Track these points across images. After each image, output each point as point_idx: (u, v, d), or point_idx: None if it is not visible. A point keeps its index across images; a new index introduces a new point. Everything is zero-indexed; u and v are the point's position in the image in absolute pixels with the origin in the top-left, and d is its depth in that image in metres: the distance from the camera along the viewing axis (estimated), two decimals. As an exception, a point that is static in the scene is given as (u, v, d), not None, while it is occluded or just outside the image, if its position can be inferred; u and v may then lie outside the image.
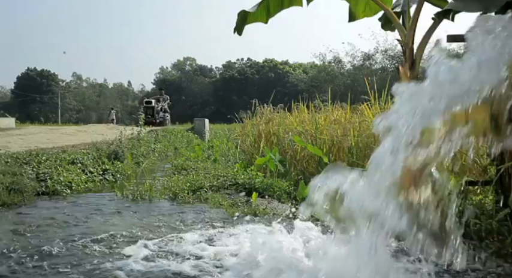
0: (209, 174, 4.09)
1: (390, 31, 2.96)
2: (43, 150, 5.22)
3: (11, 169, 3.66)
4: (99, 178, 4.44)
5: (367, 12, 2.57)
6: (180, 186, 3.58)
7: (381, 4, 2.33)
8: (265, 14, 2.56)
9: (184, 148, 9.36)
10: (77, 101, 65.44)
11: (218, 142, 8.08)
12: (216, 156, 5.71)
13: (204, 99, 58.69)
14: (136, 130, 7.74)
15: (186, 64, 64.65)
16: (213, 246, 2.06)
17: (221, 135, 11.89)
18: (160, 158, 7.53)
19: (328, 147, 4.13)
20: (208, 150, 6.73)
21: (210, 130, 14.00)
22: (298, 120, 5.27)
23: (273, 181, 3.47)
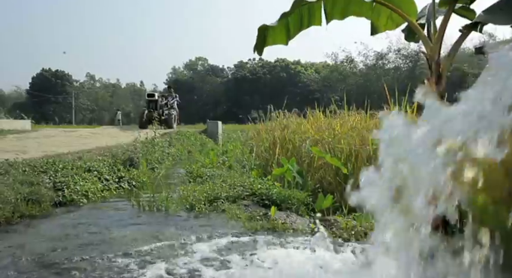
0: (225, 183, 4.05)
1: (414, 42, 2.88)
2: (59, 156, 5.24)
3: (29, 178, 3.67)
4: (114, 186, 4.44)
5: (390, 25, 2.50)
6: (197, 197, 3.54)
7: (405, 17, 2.25)
8: (285, 35, 2.50)
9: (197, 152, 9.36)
10: (91, 101, 66.18)
11: (232, 146, 8.05)
12: (230, 162, 5.67)
13: (215, 99, 58.83)
14: (150, 134, 7.74)
15: (198, 64, 64.87)
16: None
17: (234, 138, 11.86)
18: (174, 162, 7.54)
19: (346, 155, 4.06)
20: (222, 155, 6.69)
21: (223, 132, 13.99)
22: (315, 127, 5.19)
23: (291, 192, 3.41)
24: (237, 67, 58.99)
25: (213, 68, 62.78)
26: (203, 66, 64.19)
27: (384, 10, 2.41)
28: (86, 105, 64.83)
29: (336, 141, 4.38)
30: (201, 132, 12.62)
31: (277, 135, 5.57)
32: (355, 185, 3.61)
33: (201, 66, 64.38)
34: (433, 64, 2.25)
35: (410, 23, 2.27)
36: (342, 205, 3.54)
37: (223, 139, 12.69)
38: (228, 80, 58.99)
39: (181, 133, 10.61)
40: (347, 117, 5.09)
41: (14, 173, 3.69)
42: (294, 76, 54.46)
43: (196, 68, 63.79)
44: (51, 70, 62.85)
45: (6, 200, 3.12)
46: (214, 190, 3.71)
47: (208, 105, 59.07)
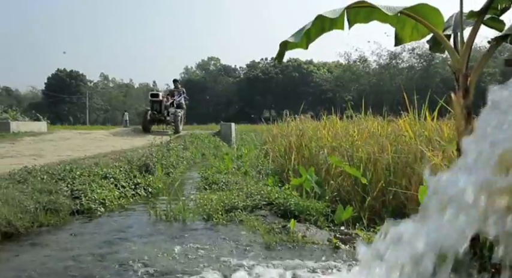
0: (242, 191, 4.02)
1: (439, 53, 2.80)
2: (76, 161, 5.27)
3: (47, 186, 3.68)
4: (131, 193, 4.44)
5: (415, 36, 2.42)
6: (214, 206, 3.51)
7: (431, 28, 2.18)
8: (306, 41, 2.45)
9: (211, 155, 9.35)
10: (104, 101, 66.94)
11: (246, 150, 8.01)
12: (245, 168, 5.64)
13: (228, 99, 58.97)
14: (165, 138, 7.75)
15: (210, 64, 65.12)
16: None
17: (248, 140, 11.83)
18: (188, 166, 7.54)
19: (364, 163, 3.98)
20: (237, 160, 6.66)
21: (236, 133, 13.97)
22: (331, 133, 5.12)
23: (309, 203, 3.36)
24: (249, 67, 59.01)
25: (225, 67, 62.93)
26: (215, 66, 64.39)
27: (409, 21, 2.35)
28: (99, 105, 65.58)
29: (354, 149, 4.31)
30: (214, 134, 12.61)
31: (293, 141, 5.51)
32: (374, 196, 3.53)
33: (213, 66, 64.60)
34: (461, 77, 2.18)
35: (436, 35, 2.20)
36: (361, 216, 3.49)
37: (236, 140, 12.67)
38: (241, 80, 59.06)
39: (195, 135, 10.62)
40: (364, 123, 5.00)
41: (33, 181, 3.71)
42: (307, 76, 54.26)
43: (209, 68, 64.03)
44: (65, 70, 63.71)
45: (25, 209, 3.14)
46: (231, 199, 3.68)
47: (220, 105, 59.24)
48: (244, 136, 16.53)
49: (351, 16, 2.40)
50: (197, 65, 66.28)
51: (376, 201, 3.82)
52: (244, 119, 51.52)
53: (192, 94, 58.80)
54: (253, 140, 11.07)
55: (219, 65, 64.19)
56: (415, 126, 4.19)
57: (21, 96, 78.33)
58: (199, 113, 55.62)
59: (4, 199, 3.13)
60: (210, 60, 65.19)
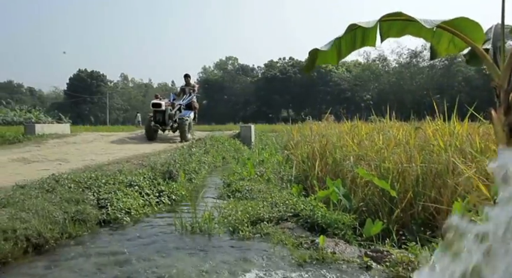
0: (266, 201, 3.98)
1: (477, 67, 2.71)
2: (100, 167, 5.31)
3: (75, 195, 3.72)
4: (155, 201, 4.45)
5: (451, 49, 2.34)
6: (239, 218, 3.48)
7: (470, 42, 2.09)
8: (336, 56, 2.38)
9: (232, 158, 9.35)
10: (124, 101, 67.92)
11: (267, 153, 7.97)
12: (268, 175, 5.59)
13: (245, 99, 59.02)
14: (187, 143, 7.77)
15: (228, 63, 65.27)
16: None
17: (268, 143, 11.78)
18: (210, 170, 7.54)
19: (392, 174, 3.89)
20: (259, 165, 6.63)
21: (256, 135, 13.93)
22: (356, 141, 5.03)
23: (337, 216, 3.29)
24: (267, 66, 58.91)
25: (243, 67, 62.99)
26: (233, 65, 64.52)
27: (446, 34, 2.27)
28: (119, 105, 66.57)
29: (381, 159, 4.22)
30: (234, 136, 12.61)
31: (316, 148, 5.44)
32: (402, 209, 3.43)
33: (231, 65, 64.74)
34: (502, 93, 2.08)
35: (476, 49, 2.11)
36: (389, 228, 3.41)
37: (256, 143, 12.63)
38: (258, 79, 59.02)
39: (215, 138, 10.63)
40: (390, 131, 4.89)
41: (61, 190, 3.76)
42: (325, 75, 53.83)
43: (227, 68, 64.19)
44: (87, 71, 64.85)
45: (55, 220, 3.17)
46: (256, 210, 3.64)
47: (238, 104, 59.34)
48: (263, 137, 16.49)
49: (384, 30, 2.33)
50: (215, 65, 66.53)
51: (405, 212, 3.73)
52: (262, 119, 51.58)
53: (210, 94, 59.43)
54: (273, 143, 11.02)
55: (237, 65, 64.29)
56: (444, 136, 4.07)
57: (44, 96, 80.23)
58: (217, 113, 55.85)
59: (35, 210, 3.17)
60: (228, 60, 65.36)
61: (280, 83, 54.34)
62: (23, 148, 8.78)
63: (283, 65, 57.78)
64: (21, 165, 5.91)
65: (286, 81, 54.60)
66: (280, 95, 54.94)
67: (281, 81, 54.63)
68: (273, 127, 29.01)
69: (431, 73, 45.62)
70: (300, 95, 54.10)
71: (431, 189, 3.70)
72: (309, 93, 53.51)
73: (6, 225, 2.80)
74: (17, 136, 10.75)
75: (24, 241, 2.78)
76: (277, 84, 54.29)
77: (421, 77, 46.23)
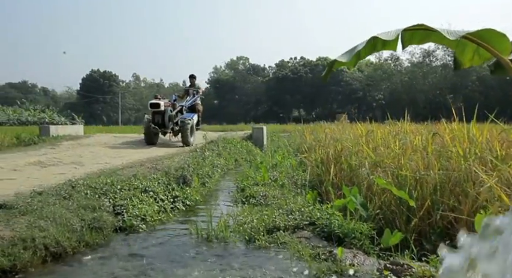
0: (282, 209, 3.95)
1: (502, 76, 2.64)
2: (115, 172, 5.33)
3: (91, 202, 3.74)
4: (170, 207, 4.46)
5: (476, 61, 2.28)
6: (255, 226, 3.46)
7: (496, 53, 2.04)
8: (355, 60, 2.35)
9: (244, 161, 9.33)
10: (136, 101, 68.46)
11: (280, 156, 7.94)
12: (282, 180, 5.56)
13: (256, 98, 59.03)
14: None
15: (239, 63, 65.33)
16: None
17: (280, 145, 11.74)
18: (222, 173, 7.54)
19: (409, 182, 3.83)
20: (272, 169, 6.60)
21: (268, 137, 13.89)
22: (371, 147, 4.97)
23: (354, 225, 3.25)
24: (278, 66, 58.83)
25: (254, 67, 62.99)
26: (244, 65, 64.57)
27: (470, 45, 2.21)
28: (131, 105, 67.12)
29: (397, 166, 4.15)
30: (246, 138, 12.60)
31: (331, 153, 5.39)
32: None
33: (242, 65, 64.80)
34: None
35: (502, 61, 2.05)
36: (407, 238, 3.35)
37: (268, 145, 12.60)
38: (269, 79, 58.96)
39: (227, 140, 10.63)
40: (407, 138, 4.82)
41: (77, 197, 3.78)
42: (336, 74, 53.53)
43: (238, 67, 64.26)
44: (99, 71, 65.52)
45: (72, 228, 3.19)
46: (271, 217, 3.62)
47: (249, 104, 59.36)
48: (274, 138, 16.45)
49: (406, 38, 2.29)
50: (226, 65, 66.68)
51: (422, 221, 3.67)
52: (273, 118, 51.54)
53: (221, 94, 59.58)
54: (286, 145, 10.98)
55: (248, 65, 64.32)
56: (463, 143, 3.99)
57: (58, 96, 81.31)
58: (229, 112, 55.98)
59: (52, 218, 3.19)
60: (239, 60, 65.43)
61: (291, 83, 54.23)
62: (39, 150, 8.88)
63: (294, 64, 57.64)
64: (38, 169, 5.98)
65: (297, 81, 54.47)
66: (291, 95, 54.83)
67: (292, 80, 54.51)
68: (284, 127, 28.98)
69: (445, 73, 45.02)
70: (311, 95, 53.93)
71: (450, 198, 3.64)
72: (320, 93, 53.30)
73: (26, 234, 2.82)
74: (32, 137, 10.89)
75: (42, 250, 2.80)
76: (288, 83, 54.19)
77: (434, 76, 45.68)
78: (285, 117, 55.42)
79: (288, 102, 55.86)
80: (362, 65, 55.42)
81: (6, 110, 48.12)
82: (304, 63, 57.00)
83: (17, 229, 2.89)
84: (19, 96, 62.93)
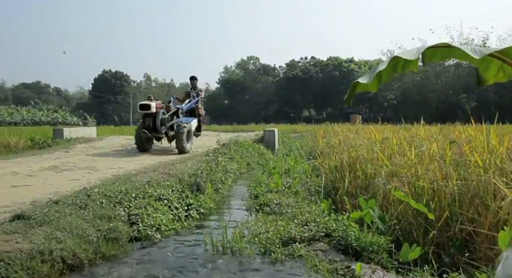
0: (297, 219, 3.91)
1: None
2: (128, 178, 5.34)
3: (106, 212, 3.75)
4: (184, 215, 4.45)
5: (500, 77, 2.23)
6: (271, 238, 3.44)
7: (524, 70, 1.98)
8: (377, 83, 2.32)
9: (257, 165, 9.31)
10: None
11: (292, 161, 7.90)
12: (296, 187, 5.53)
13: (267, 98, 58.97)
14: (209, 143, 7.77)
15: (250, 63, 65.30)
16: None
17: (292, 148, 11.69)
18: (235, 178, 7.53)
19: (427, 193, 3.76)
20: (285, 175, 6.57)
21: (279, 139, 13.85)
22: (387, 153, 4.91)
23: (372, 238, 3.20)
24: (289, 66, 58.66)
25: (265, 67, 62.91)
26: (255, 65, 64.52)
27: (495, 62, 2.16)
28: (142, 105, 67.43)
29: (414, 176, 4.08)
30: (257, 140, 12.57)
31: (345, 160, 5.34)
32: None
33: (252, 65, 64.74)
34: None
35: (529, 78, 2.00)
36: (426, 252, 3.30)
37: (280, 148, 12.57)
38: (280, 79, 58.83)
39: (239, 144, 10.61)
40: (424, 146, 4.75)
41: (93, 206, 3.79)
42: (347, 74, 53.24)
43: (248, 67, 64.21)
44: (111, 71, 66.06)
45: (88, 239, 3.20)
46: (286, 228, 3.59)
47: (259, 104, 59.32)
48: (285, 139, 16.41)
49: (427, 55, 2.25)
50: (236, 65, 66.70)
51: (441, 233, 3.61)
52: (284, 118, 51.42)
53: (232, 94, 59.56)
54: (298, 148, 10.94)
55: (258, 64, 64.26)
56: (483, 153, 3.91)
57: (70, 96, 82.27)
58: (239, 112, 56.00)
59: (69, 229, 3.20)
60: (249, 60, 65.39)
61: (301, 83, 54.04)
62: (53, 153, 8.98)
63: (304, 64, 57.43)
64: (52, 174, 6.03)
65: (307, 81, 54.27)
66: (301, 95, 54.65)
67: (302, 80, 54.32)
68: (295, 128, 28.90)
69: (458, 72, 44.40)
70: (322, 95, 53.68)
71: (469, 209, 3.57)
72: (331, 93, 53.01)
73: (44, 246, 2.83)
74: (47, 140, 11.02)
75: (60, 262, 2.81)
76: (298, 83, 54.01)
77: (446, 76, 45.08)
78: (296, 117, 55.28)
79: (298, 102, 55.70)
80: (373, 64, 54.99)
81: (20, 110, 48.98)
82: (314, 63, 56.76)
83: (35, 241, 2.91)
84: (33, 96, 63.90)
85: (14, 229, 3.03)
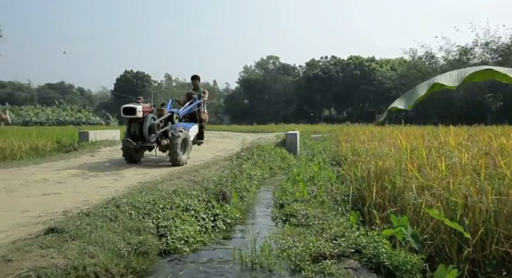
0: (325, 232, 3.87)
1: None
2: (155, 186, 5.38)
3: (136, 224, 3.79)
4: (210, 226, 4.46)
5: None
6: (300, 253, 3.40)
7: None
8: (414, 102, 2.28)
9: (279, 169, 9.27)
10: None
11: (316, 167, 7.83)
12: (321, 195, 5.47)
13: (287, 98, 58.73)
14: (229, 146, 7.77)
15: (270, 63, 65.10)
16: None
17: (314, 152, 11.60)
18: (258, 183, 7.51)
19: (461, 208, 3.65)
20: (310, 182, 6.51)
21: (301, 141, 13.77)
22: (416, 166, 4.80)
23: (405, 257, 3.13)
24: (309, 65, 58.27)
25: (285, 66, 62.65)
26: (274, 64, 64.31)
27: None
28: (163, 105, 68.25)
29: (445, 188, 3.98)
30: (279, 144, 12.53)
31: (372, 170, 5.25)
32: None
33: (272, 64, 64.55)
34: None
35: None
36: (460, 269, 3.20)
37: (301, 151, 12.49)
38: (300, 79, 58.49)
39: (261, 147, 10.60)
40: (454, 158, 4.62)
41: (122, 218, 3.83)
42: (368, 73, 52.53)
43: (268, 67, 64.06)
44: (132, 71, 67.00)
45: (120, 253, 3.23)
46: (316, 245, 3.54)
47: (279, 103, 59.15)
48: (306, 140, 16.30)
49: (467, 78, 2.20)
50: (256, 64, 66.59)
51: (476, 250, 3.50)
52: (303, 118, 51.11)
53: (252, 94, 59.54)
54: (320, 152, 10.85)
55: (278, 64, 64.03)
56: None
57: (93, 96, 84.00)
58: (259, 112, 55.96)
59: (101, 243, 3.24)
60: (269, 59, 65.20)
61: (321, 82, 53.60)
62: (79, 157, 9.15)
63: (325, 63, 56.94)
64: (81, 181, 6.14)
65: (327, 80, 53.78)
66: (321, 94, 54.22)
67: (323, 80, 53.86)
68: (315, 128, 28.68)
69: (483, 71, 43.28)
70: (342, 94, 53.13)
71: (506, 226, 3.45)
72: (352, 92, 52.41)
73: (78, 262, 2.87)
74: (73, 143, 11.24)
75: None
76: (318, 83, 53.59)
77: (471, 75, 44.02)
78: (315, 116, 54.87)
79: (318, 101, 55.29)
80: (395, 63, 54.16)
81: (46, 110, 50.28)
82: (335, 62, 56.21)
83: (69, 256, 2.95)
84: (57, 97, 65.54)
85: (49, 243, 3.09)
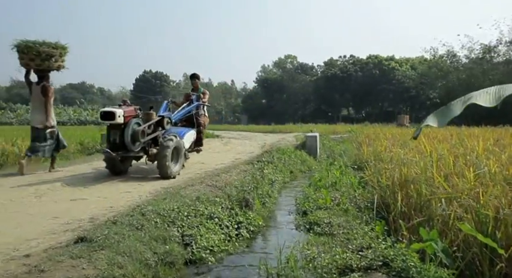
0: (350, 243, 3.83)
1: None
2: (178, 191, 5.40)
3: (161, 233, 3.82)
4: (234, 234, 4.47)
5: None
6: (326, 265, 3.37)
7: None
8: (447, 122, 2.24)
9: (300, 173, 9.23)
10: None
11: (337, 172, 7.76)
12: (344, 203, 5.42)
13: (305, 97, 58.52)
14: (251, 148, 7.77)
15: (287, 62, 64.95)
16: None
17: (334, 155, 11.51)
18: (279, 188, 7.49)
19: (492, 221, 3.56)
20: (332, 188, 6.46)
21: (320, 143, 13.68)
22: (443, 175, 4.70)
23: (435, 273, 3.07)
24: (327, 64, 57.89)
25: (302, 65, 62.40)
26: (292, 64, 64.12)
27: None
28: (181, 105, 68.89)
29: (475, 198, 3.88)
30: (299, 146, 12.48)
31: (396, 177, 5.16)
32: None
33: (290, 64, 64.39)
34: None
35: None
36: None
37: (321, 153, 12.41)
38: (318, 78, 58.18)
39: (281, 150, 10.57)
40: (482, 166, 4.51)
41: (148, 227, 3.87)
42: (388, 73, 51.87)
43: (286, 66, 63.92)
44: (151, 71, 67.82)
45: (147, 263, 3.27)
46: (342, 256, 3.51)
47: (297, 103, 58.96)
48: (325, 141, 16.17)
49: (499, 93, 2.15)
50: (274, 63, 66.51)
51: (510, 265, 3.40)
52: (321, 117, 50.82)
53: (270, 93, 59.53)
54: (341, 155, 10.76)
55: (296, 63, 63.82)
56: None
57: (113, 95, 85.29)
58: (277, 112, 55.93)
59: (129, 253, 3.28)
60: (287, 58, 65.05)
61: (340, 81, 53.20)
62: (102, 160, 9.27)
63: (343, 63, 56.47)
64: (105, 186, 6.22)
65: (346, 80, 53.34)
66: (340, 94, 53.84)
67: (341, 79, 53.44)
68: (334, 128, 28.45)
69: (508, 69, 42.14)
70: (361, 93, 52.60)
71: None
72: (370, 92, 51.83)
73: (107, 273, 2.91)
74: (95, 145, 11.42)
75: (122, 290, 2.89)
76: (337, 82, 53.21)
77: (495, 73, 42.85)
78: (334, 116, 54.48)
79: (336, 101, 54.90)
80: (415, 61, 53.27)
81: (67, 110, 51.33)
82: (353, 61, 55.69)
83: (98, 266, 3.00)
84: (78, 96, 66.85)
85: (79, 253, 3.13)
